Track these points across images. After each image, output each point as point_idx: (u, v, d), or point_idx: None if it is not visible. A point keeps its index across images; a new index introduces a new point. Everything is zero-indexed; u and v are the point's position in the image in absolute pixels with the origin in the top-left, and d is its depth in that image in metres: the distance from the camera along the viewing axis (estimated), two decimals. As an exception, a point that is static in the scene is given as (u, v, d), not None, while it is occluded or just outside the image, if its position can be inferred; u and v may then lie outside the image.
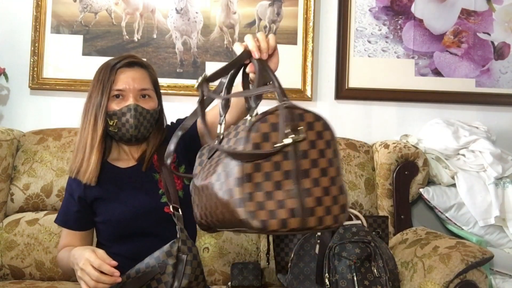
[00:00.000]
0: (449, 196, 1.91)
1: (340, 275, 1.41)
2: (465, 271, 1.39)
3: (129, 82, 1.25)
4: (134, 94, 1.25)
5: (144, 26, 2.14)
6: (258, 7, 2.15)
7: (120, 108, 1.24)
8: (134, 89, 1.26)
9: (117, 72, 1.26)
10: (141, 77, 1.29)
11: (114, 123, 1.24)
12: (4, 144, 1.82)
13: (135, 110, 1.24)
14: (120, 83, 1.25)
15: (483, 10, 2.19)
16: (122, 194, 1.27)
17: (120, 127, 1.24)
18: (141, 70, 1.30)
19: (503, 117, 2.20)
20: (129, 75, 1.26)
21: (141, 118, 1.25)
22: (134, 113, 1.23)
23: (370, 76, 2.16)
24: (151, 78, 1.33)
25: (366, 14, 2.17)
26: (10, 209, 1.82)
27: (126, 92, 1.25)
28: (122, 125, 1.24)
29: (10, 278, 1.72)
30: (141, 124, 1.25)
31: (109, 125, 1.25)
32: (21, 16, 2.12)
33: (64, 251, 1.28)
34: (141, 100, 1.27)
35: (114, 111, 1.24)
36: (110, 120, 1.24)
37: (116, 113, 1.24)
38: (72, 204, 1.31)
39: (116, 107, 1.25)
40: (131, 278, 1.14)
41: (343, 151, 1.93)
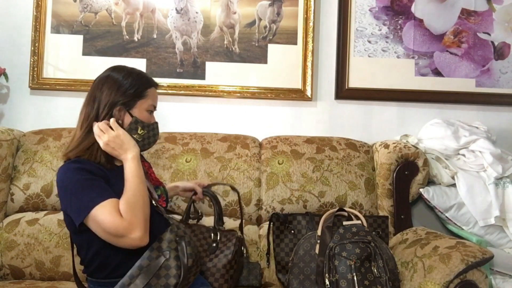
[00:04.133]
0: (449, 196, 1.91)
1: (340, 275, 1.41)
2: (465, 271, 1.39)
3: (156, 101, 1.41)
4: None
5: (144, 26, 2.14)
6: (258, 7, 2.15)
7: (152, 123, 1.37)
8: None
9: (151, 87, 1.38)
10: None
11: (142, 133, 1.33)
12: (4, 144, 1.82)
13: (158, 127, 1.40)
14: (155, 100, 1.39)
15: (483, 10, 2.19)
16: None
17: (145, 138, 1.35)
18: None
19: (503, 117, 2.20)
20: (156, 95, 1.41)
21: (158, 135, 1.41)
22: (158, 130, 1.40)
23: (370, 76, 2.16)
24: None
25: (366, 14, 2.17)
26: (10, 209, 1.82)
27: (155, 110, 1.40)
28: (148, 137, 1.35)
29: (10, 278, 1.72)
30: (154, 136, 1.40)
31: (136, 133, 1.32)
32: (21, 16, 2.13)
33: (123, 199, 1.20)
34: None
35: (148, 123, 1.35)
36: (141, 130, 1.33)
37: (150, 126, 1.35)
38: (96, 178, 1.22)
39: (148, 120, 1.36)
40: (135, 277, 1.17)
41: (343, 151, 1.94)
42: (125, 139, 1.27)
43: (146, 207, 1.21)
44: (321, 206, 1.84)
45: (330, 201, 1.84)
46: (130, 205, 1.17)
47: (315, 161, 1.89)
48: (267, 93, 2.14)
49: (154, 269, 1.18)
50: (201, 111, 2.15)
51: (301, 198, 1.84)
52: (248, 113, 2.16)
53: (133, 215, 1.16)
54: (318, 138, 2.00)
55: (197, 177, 1.84)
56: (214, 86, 2.13)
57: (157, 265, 1.18)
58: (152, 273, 1.18)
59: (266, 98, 2.15)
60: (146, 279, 1.17)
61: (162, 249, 1.20)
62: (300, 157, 1.90)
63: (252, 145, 1.95)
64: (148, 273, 1.18)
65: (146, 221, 1.19)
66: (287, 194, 1.84)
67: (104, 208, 1.15)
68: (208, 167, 1.86)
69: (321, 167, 1.89)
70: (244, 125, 2.15)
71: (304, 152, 1.92)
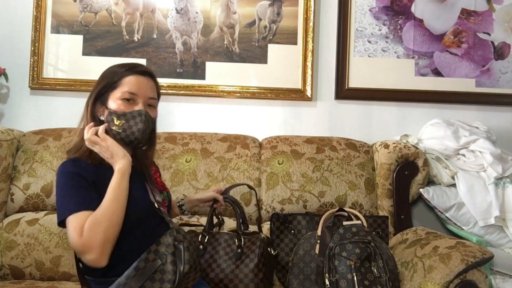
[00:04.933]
0: (449, 196, 1.91)
1: (340, 275, 1.41)
2: (465, 271, 1.39)
3: (142, 88, 1.30)
4: (143, 100, 1.30)
5: (144, 26, 2.14)
6: (258, 7, 2.15)
7: (131, 111, 1.28)
8: (145, 96, 1.31)
9: (130, 76, 1.30)
10: (151, 86, 1.34)
11: (120, 124, 1.27)
12: (4, 144, 1.82)
13: (145, 116, 1.28)
14: (133, 87, 1.29)
15: (483, 10, 2.19)
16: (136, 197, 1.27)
17: (126, 129, 1.27)
18: (151, 81, 1.35)
19: (503, 117, 2.20)
20: (142, 81, 1.31)
21: (146, 124, 1.29)
22: (145, 118, 1.28)
23: (370, 76, 2.16)
24: (157, 89, 1.39)
25: (366, 14, 2.17)
26: (10, 209, 1.82)
27: (138, 97, 1.29)
28: (129, 127, 1.27)
29: (10, 278, 1.72)
30: (144, 130, 1.29)
31: (114, 124, 1.27)
32: (21, 16, 2.13)
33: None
34: (148, 108, 1.32)
35: (123, 112, 1.27)
36: (117, 120, 1.27)
37: (126, 115, 1.27)
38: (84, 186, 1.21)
39: (125, 109, 1.28)
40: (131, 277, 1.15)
41: (343, 151, 1.94)
42: (113, 150, 1.24)
43: (111, 228, 1.16)
44: (321, 206, 1.84)
45: (330, 201, 1.84)
46: (92, 224, 1.14)
47: (315, 161, 1.89)
48: (267, 93, 2.14)
49: (149, 272, 1.16)
50: (201, 111, 2.15)
51: (301, 198, 1.84)
52: (248, 113, 2.16)
53: (92, 235, 1.13)
54: (318, 138, 2.00)
55: (197, 177, 1.84)
56: (214, 86, 2.13)
57: (152, 268, 1.16)
58: (147, 276, 1.15)
59: (266, 98, 2.15)
60: (140, 281, 1.15)
61: (159, 252, 1.18)
62: (300, 157, 1.90)
63: (252, 145, 1.95)
64: (143, 275, 1.15)
65: (107, 243, 1.14)
66: (287, 194, 1.84)
67: (72, 220, 1.16)
68: (208, 167, 1.86)
69: (321, 167, 1.89)
70: (244, 125, 2.15)
71: (304, 152, 1.92)
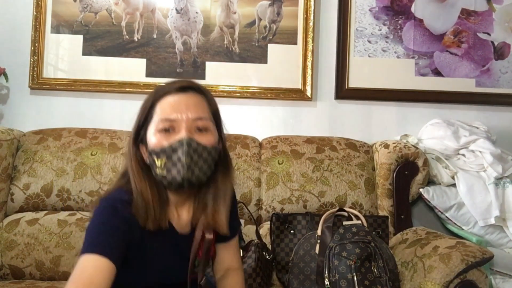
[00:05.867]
0: (449, 196, 1.91)
1: (340, 275, 1.41)
2: (465, 271, 1.39)
3: (181, 109, 1.00)
4: (187, 125, 1.00)
5: (144, 26, 2.14)
6: (258, 7, 2.15)
7: (170, 143, 0.99)
8: (188, 118, 1.00)
9: (164, 97, 1.02)
10: (197, 104, 1.03)
11: (162, 164, 0.99)
12: (4, 144, 1.82)
13: (188, 145, 0.97)
14: (169, 111, 1.00)
15: (483, 10, 2.19)
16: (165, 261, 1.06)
17: (170, 168, 0.98)
18: (197, 96, 1.04)
19: (503, 117, 2.20)
20: (181, 101, 1.01)
21: (195, 156, 0.99)
22: (187, 148, 0.97)
23: (370, 76, 2.16)
24: (210, 106, 1.06)
25: (366, 14, 2.17)
26: (10, 209, 1.82)
27: (177, 123, 1.00)
28: (173, 164, 0.98)
29: (10, 278, 1.72)
30: (195, 163, 0.99)
31: (157, 167, 1.00)
32: (21, 16, 2.13)
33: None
34: (196, 134, 1.01)
35: (162, 147, 0.99)
36: (158, 159, 0.99)
37: (165, 150, 0.98)
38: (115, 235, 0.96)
39: (165, 142, 0.99)
40: None
41: (343, 151, 1.94)
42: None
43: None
44: (321, 206, 1.84)
45: (330, 201, 1.84)
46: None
47: (315, 161, 1.89)
48: (267, 93, 2.14)
49: None
50: (201, 111, 2.15)
51: (301, 198, 1.84)
52: (248, 113, 2.16)
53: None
54: (318, 138, 2.00)
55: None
56: (214, 86, 2.13)
57: None
58: None
59: (266, 98, 2.15)
60: None
61: None
62: (300, 157, 1.90)
63: (252, 145, 1.95)
64: None
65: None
66: (287, 194, 1.84)
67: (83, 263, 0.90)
68: (208, 167, 1.86)
69: (321, 167, 1.88)
70: (244, 125, 2.15)
71: (304, 152, 1.92)
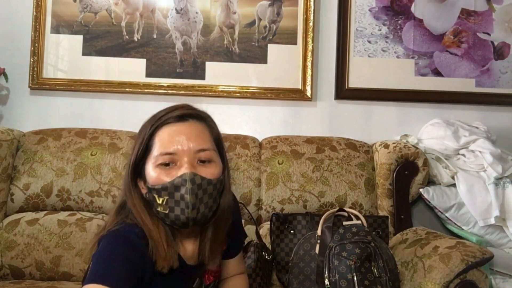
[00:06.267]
0: (449, 196, 1.91)
1: (340, 275, 1.41)
2: (465, 271, 1.39)
3: (181, 141, 0.93)
4: (189, 158, 0.93)
5: (144, 26, 2.14)
6: (258, 7, 2.15)
7: (172, 180, 0.91)
8: (190, 151, 0.93)
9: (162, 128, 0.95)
10: (199, 134, 0.96)
11: (163, 201, 0.92)
12: (4, 144, 1.82)
13: (191, 182, 0.90)
14: (168, 144, 0.93)
15: (483, 10, 2.19)
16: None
17: (172, 207, 0.92)
18: (197, 124, 0.98)
19: (503, 117, 2.20)
20: (180, 131, 0.94)
21: (200, 192, 0.91)
22: (191, 186, 0.90)
23: (370, 76, 2.16)
24: (212, 134, 1.00)
25: (366, 14, 2.17)
26: (10, 209, 1.82)
27: (179, 156, 0.93)
28: (176, 203, 0.91)
29: (10, 278, 1.72)
30: (200, 201, 0.92)
31: (157, 204, 0.93)
32: (21, 16, 2.13)
33: None
34: (199, 166, 0.94)
35: (163, 184, 0.92)
36: (159, 198, 0.92)
37: (167, 187, 0.91)
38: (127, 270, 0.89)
39: (166, 178, 0.92)
40: None
41: (343, 151, 1.93)
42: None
43: None
44: (321, 206, 1.84)
45: (330, 201, 1.84)
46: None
47: (315, 161, 1.89)
48: (267, 93, 2.14)
49: None
50: (201, 111, 2.15)
51: (301, 198, 1.84)
52: (248, 113, 2.16)
53: None
54: (318, 138, 2.00)
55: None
56: (214, 86, 2.13)
57: None
58: None
59: (266, 98, 2.15)
60: None
61: None
62: (300, 157, 1.90)
63: (252, 145, 1.95)
64: None
65: None
66: (287, 194, 1.84)
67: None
68: (208, 167, 1.86)
69: (321, 167, 1.88)
70: (244, 125, 2.15)
71: (304, 152, 1.92)
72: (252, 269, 1.49)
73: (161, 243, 0.93)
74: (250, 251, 1.54)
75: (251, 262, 1.50)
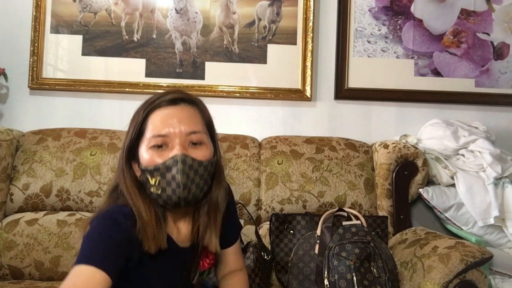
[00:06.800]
0: (449, 196, 1.91)
1: (339, 275, 1.41)
2: (465, 271, 1.39)
3: (173, 123, 0.97)
4: (181, 140, 0.97)
5: (143, 26, 2.14)
6: (258, 7, 2.15)
7: (164, 161, 0.95)
8: (181, 133, 0.97)
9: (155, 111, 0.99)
10: (190, 117, 1.00)
11: (156, 182, 0.95)
12: (3, 144, 1.82)
13: (183, 162, 0.94)
14: (160, 126, 0.97)
15: (483, 10, 2.19)
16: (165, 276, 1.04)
17: (164, 187, 0.95)
18: (189, 108, 1.01)
19: (502, 117, 2.20)
20: (172, 114, 0.98)
21: (191, 173, 0.95)
22: (182, 166, 0.94)
23: (370, 76, 2.16)
24: (203, 117, 1.04)
25: (366, 14, 2.17)
26: (10, 209, 1.82)
27: (171, 138, 0.96)
28: (167, 184, 0.95)
29: (10, 278, 1.72)
30: (192, 181, 0.96)
31: (150, 185, 0.97)
32: (21, 16, 2.12)
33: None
34: (190, 148, 0.98)
35: (156, 165, 0.95)
36: (152, 178, 0.96)
37: (159, 168, 0.95)
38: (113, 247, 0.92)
39: (158, 160, 0.96)
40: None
41: (342, 151, 1.94)
42: None
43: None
44: (320, 206, 1.84)
45: (330, 201, 1.84)
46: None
47: (314, 161, 1.89)
48: (266, 93, 2.14)
49: None
50: (201, 111, 2.15)
51: (300, 198, 1.84)
52: (247, 113, 2.16)
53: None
54: (318, 138, 2.00)
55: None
56: (213, 86, 2.13)
57: None
58: None
59: (266, 98, 2.15)
60: None
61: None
62: (299, 157, 1.90)
63: (252, 145, 1.95)
64: None
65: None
66: (287, 194, 1.84)
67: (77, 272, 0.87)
68: (208, 167, 1.86)
69: (320, 167, 1.89)
70: (243, 125, 2.15)
71: (304, 152, 1.92)
72: (251, 269, 1.49)
73: (150, 224, 0.95)
74: (249, 251, 1.54)
75: (250, 263, 1.50)
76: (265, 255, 1.61)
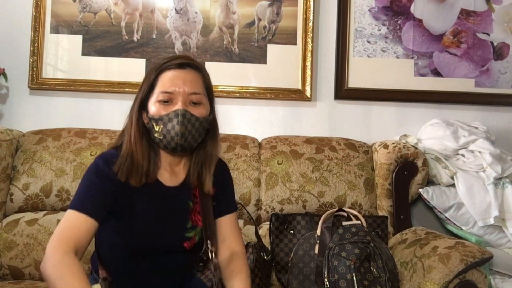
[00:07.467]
0: (449, 196, 1.91)
1: (339, 275, 1.41)
2: (465, 271, 1.39)
3: (179, 84, 1.15)
4: (183, 98, 1.15)
5: (143, 26, 2.14)
6: (258, 7, 2.15)
7: (168, 113, 1.14)
8: (184, 93, 1.15)
9: (165, 72, 1.17)
10: (193, 80, 1.18)
11: (160, 129, 1.15)
12: (3, 144, 1.82)
13: (183, 116, 1.14)
14: (168, 85, 1.15)
15: (483, 10, 2.19)
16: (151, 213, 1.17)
17: (165, 134, 1.15)
18: (193, 72, 1.19)
19: (502, 117, 2.20)
20: (179, 76, 1.16)
21: (189, 125, 1.15)
22: (182, 119, 1.13)
23: (370, 76, 2.16)
24: (204, 82, 1.22)
25: (366, 14, 2.17)
26: (10, 209, 1.82)
27: (175, 96, 1.15)
28: (168, 132, 1.14)
29: (10, 278, 1.72)
30: (189, 132, 1.16)
31: (155, 131, 1.16)
32: (21, 16, 2.12)
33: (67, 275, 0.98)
34: (190, 106, 1.17)
35: (161, 116, 1.15)
36: (156, 125, 1.15)
37: (163, 118, 1.14)
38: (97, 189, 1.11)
39: (163, 112, 1.15)
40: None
41: (342, 151, 1.94)
42: None
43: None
44: (320, 206, 1.84)
45: (330, 201, 1.84)
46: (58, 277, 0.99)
47: (314, 161, 1.89)
48: (266, 93, 2.14)
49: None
50: (201, 111, 2.15)
51: (300, 198, 1.84)
52: (247, 113, 2.16)
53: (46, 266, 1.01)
54: (318, 138, 2.00)
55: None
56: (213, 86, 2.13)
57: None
58: None
59: (266, 98, 2.15)
60: None
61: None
62: (299, 157, 1.90)
63: (252, 145, 1.95)
64: None
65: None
66: (287, 194, 1.84)
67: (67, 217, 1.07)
68: (208, 167, 1.86)
69: (320, 167, 1.89)
70: (243, 125, 2.15)
71: (304, 152, 1.92)
72: (251, 269, 1.49)
73: (141, 163, 1.15)
74: (249, 251, 1.54)
75: (250, 263, 1.50)
76: (265, 255, 1.61)
